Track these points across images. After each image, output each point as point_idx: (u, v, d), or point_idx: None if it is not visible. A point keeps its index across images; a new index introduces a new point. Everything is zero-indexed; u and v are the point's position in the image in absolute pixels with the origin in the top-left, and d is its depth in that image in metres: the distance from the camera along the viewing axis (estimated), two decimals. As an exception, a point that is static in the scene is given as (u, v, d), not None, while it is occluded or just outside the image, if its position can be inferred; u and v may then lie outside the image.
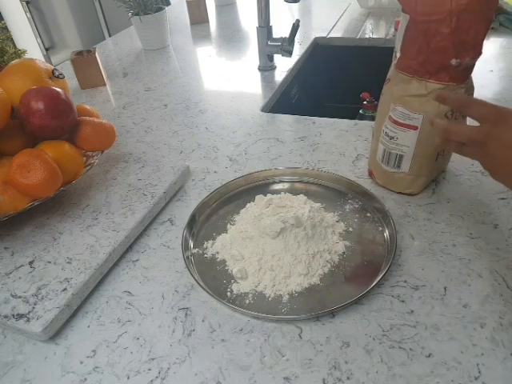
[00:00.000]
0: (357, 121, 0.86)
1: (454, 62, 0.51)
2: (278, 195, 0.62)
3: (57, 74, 0.71)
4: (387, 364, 0.43)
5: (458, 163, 0.68)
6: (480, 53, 0.52)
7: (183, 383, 0.43)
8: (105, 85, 1.12)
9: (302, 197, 0.62)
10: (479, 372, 0.41)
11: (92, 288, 0.54)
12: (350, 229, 0.59)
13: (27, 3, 2.38)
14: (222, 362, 0.45)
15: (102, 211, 0.64)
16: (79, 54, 1.09)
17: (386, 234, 0.57)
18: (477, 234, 0.56)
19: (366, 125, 0.83)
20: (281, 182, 0.70)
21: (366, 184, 0.66)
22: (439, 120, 0.51)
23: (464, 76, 0.54)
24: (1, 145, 0.64)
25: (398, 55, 0.56)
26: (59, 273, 0.54)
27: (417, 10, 0.51)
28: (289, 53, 1.04)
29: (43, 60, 0.74)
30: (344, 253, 0.55)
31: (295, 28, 1.01)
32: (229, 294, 0.52)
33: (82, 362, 0.47)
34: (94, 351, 0.48)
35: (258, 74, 1.10)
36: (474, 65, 0.53)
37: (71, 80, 1.10)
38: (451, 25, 0.49)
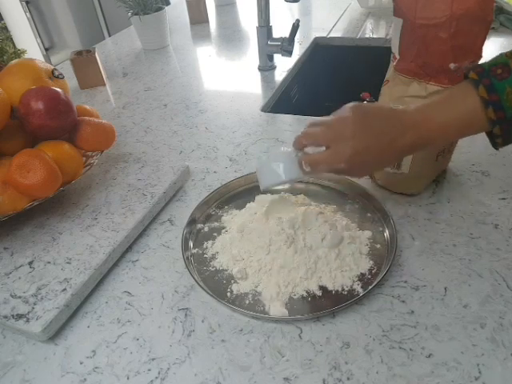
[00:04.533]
0: (357, 121, 0.86)
1: (452, 66, 0.51)
2: (278, 195, 0.62)
3: (57, 73, 0.71)
4: (387, 364, 0.43)
5: (458, 163, 0.68)
6: (480, 56, 0.51)
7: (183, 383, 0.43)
8: (104, 85, 1.11)
9: (302, 197, 0.62)
10: (479, 372, 0.41)
11: (92, 288, 0.54)
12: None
13: (27, 3, 2.37)
14: (221, 362, 0.45)
15: (101, 211, 0.64)
16: (79, 53, 1.09)
17: (386, 233, 0.57)
18: (477, 234, 0.56)
19: (366, 125, 0.83)
20: (281, 182, 0.70)
21: (366, 184, 0.66)
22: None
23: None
24: (1, 145, 0.64)
25: (397, 57, 0.56)
26: (59, 273, 0.54)
27: (416, 13, 0.50)
28: (289, 53, 1.04)
29: (43, 60, 0.74)
30: (344, 253, 0.55)
31: (295, 28, 1.01)
32: (229, 294, 0.52)
33: (81, 363, 0.47)
34: (93, 351, 0.47)
35: (258, 73, 1.10)
36: None
37: (71, 80, 1.10)
38: (450, 29, 0.49)
